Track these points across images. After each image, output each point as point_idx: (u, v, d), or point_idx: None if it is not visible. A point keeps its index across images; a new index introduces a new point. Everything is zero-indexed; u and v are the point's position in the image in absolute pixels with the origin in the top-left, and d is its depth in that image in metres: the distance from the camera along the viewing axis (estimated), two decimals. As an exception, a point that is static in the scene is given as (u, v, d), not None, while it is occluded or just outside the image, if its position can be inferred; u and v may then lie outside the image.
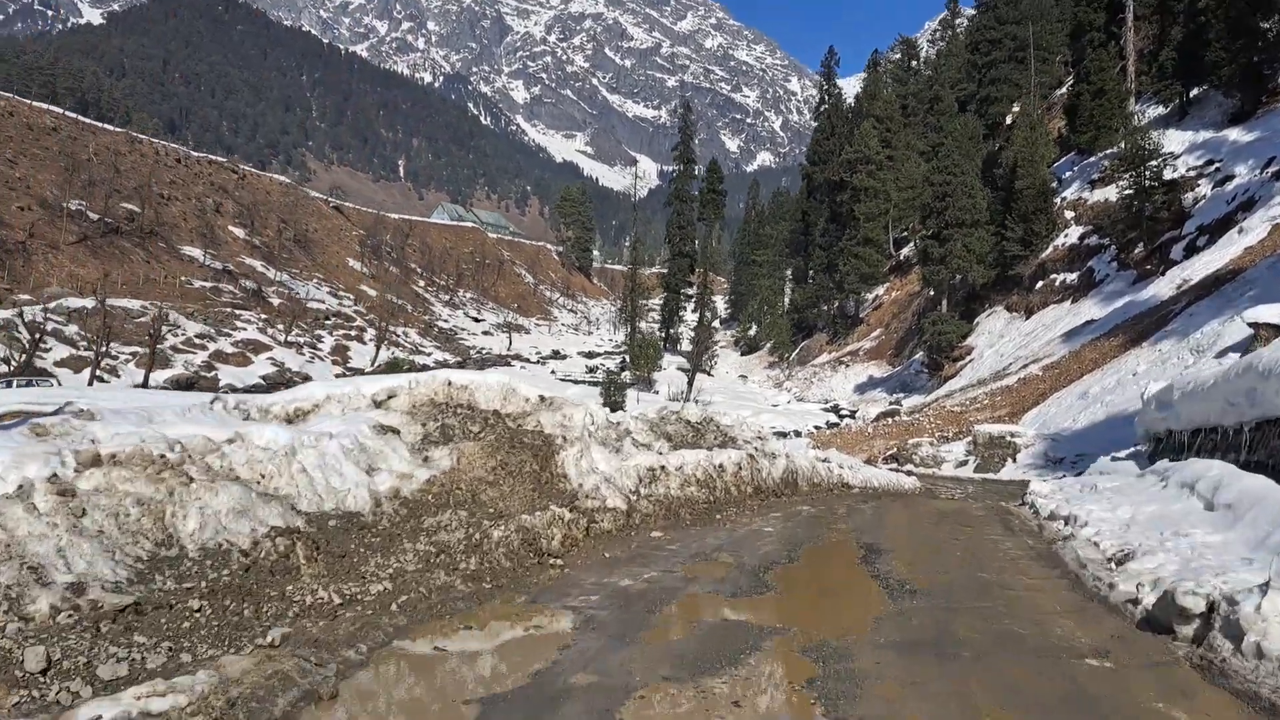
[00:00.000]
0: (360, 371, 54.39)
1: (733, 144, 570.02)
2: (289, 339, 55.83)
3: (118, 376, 41.61)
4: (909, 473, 23.53)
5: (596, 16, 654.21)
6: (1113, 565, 7.08)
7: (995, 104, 72.63)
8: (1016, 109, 69.27)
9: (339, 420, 8.48)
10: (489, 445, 8.96)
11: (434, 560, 7.35)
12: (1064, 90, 67.20)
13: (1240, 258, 32.17)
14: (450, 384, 10.29)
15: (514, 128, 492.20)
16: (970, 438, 27.10)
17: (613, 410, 14.57)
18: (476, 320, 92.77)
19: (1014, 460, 25.02)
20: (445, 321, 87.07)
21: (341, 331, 63.94)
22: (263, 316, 57.31)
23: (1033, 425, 27.99)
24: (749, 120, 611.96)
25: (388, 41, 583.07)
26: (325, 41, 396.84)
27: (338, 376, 52.36)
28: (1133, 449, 16.38)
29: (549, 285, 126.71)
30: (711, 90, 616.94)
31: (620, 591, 7.12)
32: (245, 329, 53.88)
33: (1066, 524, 9.40)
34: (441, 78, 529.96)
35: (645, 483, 10.39)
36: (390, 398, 9.73)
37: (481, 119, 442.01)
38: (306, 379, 50.85)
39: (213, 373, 45.61)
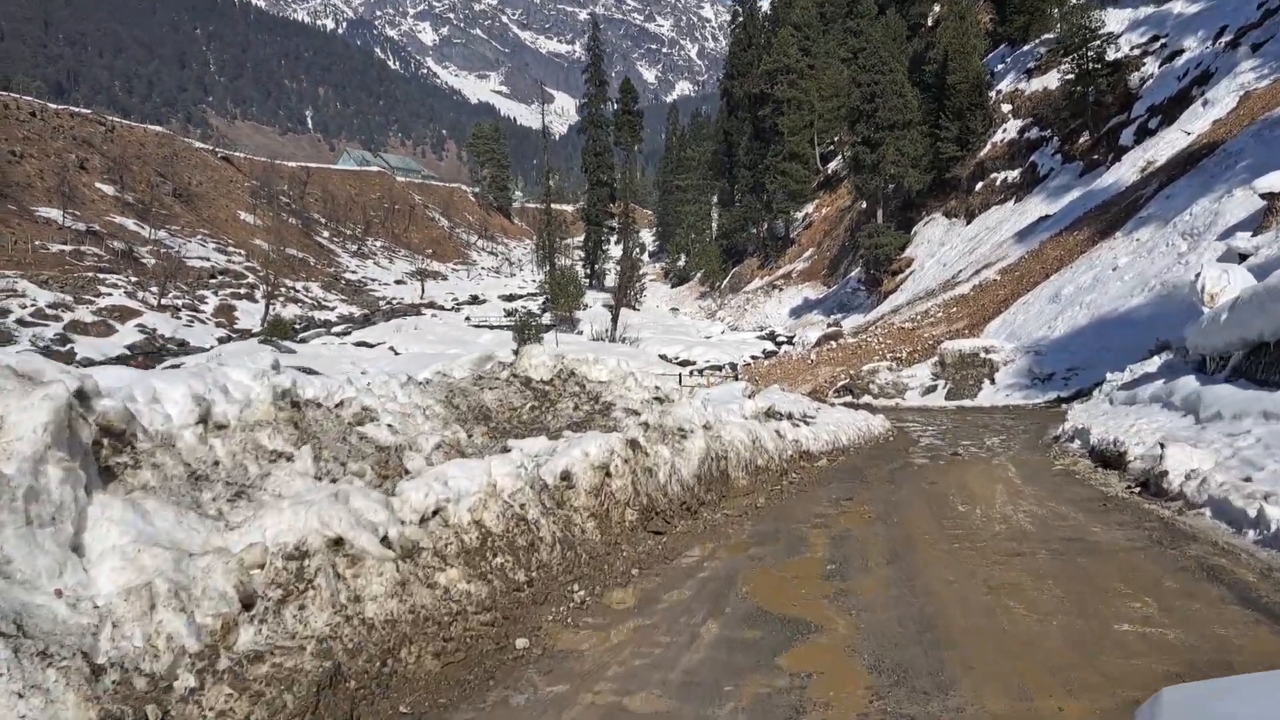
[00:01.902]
0: (248, 334, 48.89)
1: (650, 74, 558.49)
2: (163, 301, 49.88)
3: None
4: (868, 406, 19.63)
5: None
6: None
7: (916, 4, 68.60)
8: (938, 9, 65.36)
9: None
10: None
11: None
12: (988, -19, 63.31)
13: (1211, 131, 28.71)
14: None
15: (425, 71, 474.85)
16: (936, 358, 23.06)
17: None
18: (387, 269, 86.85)
19: (992, 381, 21.05)
20: (353, 273, 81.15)
21: (229, 290, 57.91)
22: (133, 279, 51.05)
23: (1000, 336, 24.25)
24: (665, 50, 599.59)
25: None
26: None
27: (220, 341, 46.95)
28: (1164, 359, 12.51)
29: (466, 228, 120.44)
30: (625, 21, 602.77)
31: None
32: (111, 294, 47.74)
33: None
34: (344, 23, 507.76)
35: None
36: None
37: (390, 64, 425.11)
38: (182, 344, 45.49)
39: (67, 346, 39.79)
